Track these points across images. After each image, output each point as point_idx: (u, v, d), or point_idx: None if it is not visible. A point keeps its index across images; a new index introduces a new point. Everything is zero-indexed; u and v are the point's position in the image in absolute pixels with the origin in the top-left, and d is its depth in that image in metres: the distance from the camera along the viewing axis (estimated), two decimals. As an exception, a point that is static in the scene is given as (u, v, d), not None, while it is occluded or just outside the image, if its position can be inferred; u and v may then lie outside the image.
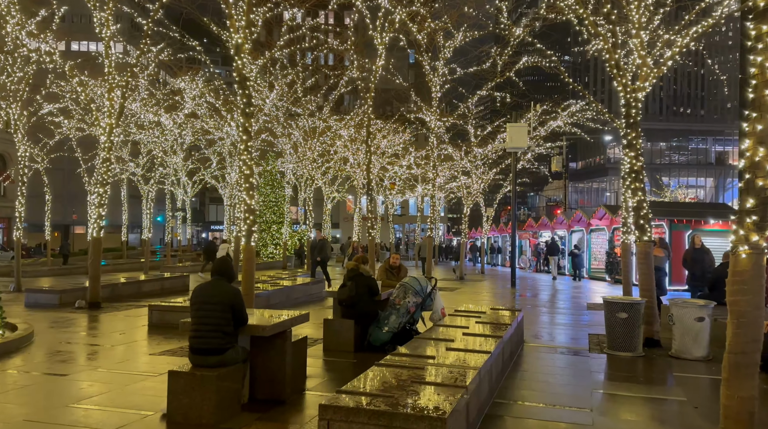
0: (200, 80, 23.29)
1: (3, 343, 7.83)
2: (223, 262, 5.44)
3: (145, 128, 28.73)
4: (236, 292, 5.28)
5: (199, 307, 5.19)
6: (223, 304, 5.14)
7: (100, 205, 12.92)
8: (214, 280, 5.33)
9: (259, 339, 5.60)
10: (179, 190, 38.98)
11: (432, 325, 8.16)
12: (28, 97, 21.11)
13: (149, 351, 8.15)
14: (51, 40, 15.28)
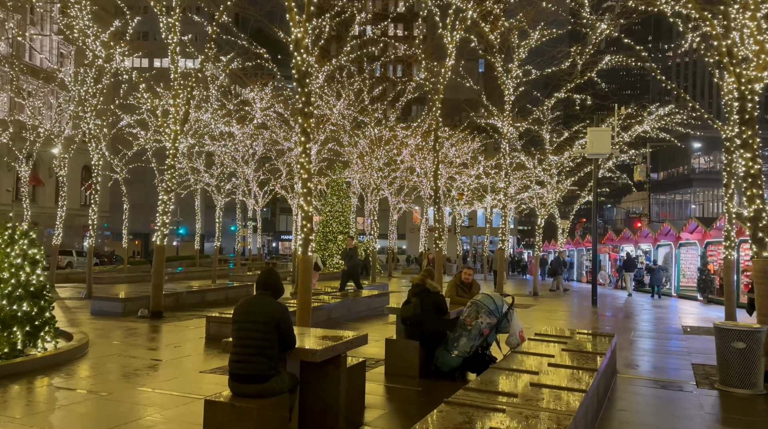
0: (269, 90, 23.28)
1: (54, 355, 7.53)
2: (269, 274, 4.73)
3: (218, 139, 29.22)
4: (282, 309, 4.55)
5: (240, 326, 4.50)
6: (267, 323, 4.42)
7: (164, 213, 12.77)
8: (258, 294, 4.63)
9: (309, 364, 4.85)
10: (250, 200, 39.62)
11: (509, 351, 7.16)
12: (106, 108, 21.84)
13: (200, 367, 7.61)
14: (125, 51, 15.51)
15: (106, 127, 24.89)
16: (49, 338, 7.84)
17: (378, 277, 26.65)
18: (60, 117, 25.15)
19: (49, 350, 7.65)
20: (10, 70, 23.92)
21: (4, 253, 7.63)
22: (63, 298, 16.97)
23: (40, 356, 7.33)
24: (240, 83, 25.27)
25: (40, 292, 7.76)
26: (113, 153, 31.47)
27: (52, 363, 7.37)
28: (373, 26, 18.22)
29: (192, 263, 39.72)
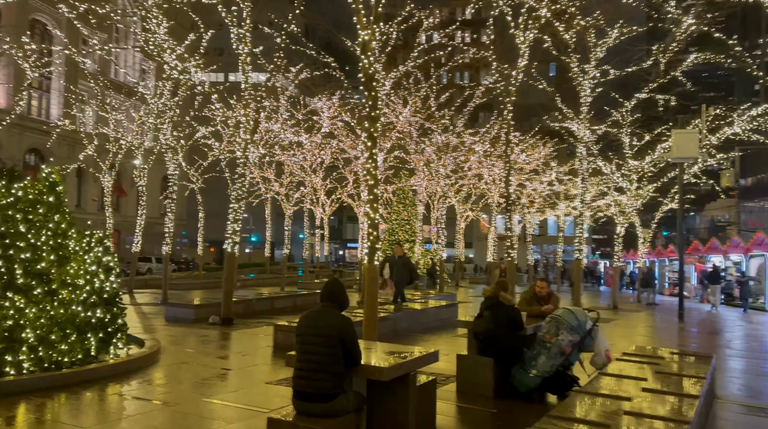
0: (336, 99, 23.39)
1: (125, 362, 7.61)
2: (334, 285, 4.45)
3: (287, 149, 29.76)
4: (347, 322, 4.25)
5: (303, 340, 4.24)
6: (331, 337, 4.14)
7: (235, 221, 12.91)
8: (323, 306, 4.36)
9: (376, 382, 4.52)
10: (318, 209, 40.12)
11: (593, 372, 6.56)
12: (183, 120, 22.66)
13: (267, 378, 7.46)
14: (200, 64, 15.95)
15: (183, 138, 25.88)
16: (121, 345, 7.95)
17: (446, 287, 26.10)
18: (140, 129, 26.42)
19: (121, 357, 7.75)
20: (95, 85, 25.30)
21: (81, 260, 7.82)
22: (140, 303, 17.59)
23: (112, 363, 7.42)
24: (308, 93, 25.57)
25: (113, 298, 7.89)
26: (189, 163, 32.72)
27: (123, 370, 7.44)
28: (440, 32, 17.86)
29: (263, 270, 40.62)
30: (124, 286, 22.84)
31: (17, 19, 34.28)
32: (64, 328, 7.13)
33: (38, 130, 36.02)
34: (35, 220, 7.35)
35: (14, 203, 7.05)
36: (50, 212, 7.89)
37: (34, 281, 6.90)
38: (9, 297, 6.63)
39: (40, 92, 39.02)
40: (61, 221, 7.93)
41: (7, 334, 6.48)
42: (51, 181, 8.06)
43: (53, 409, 5.87)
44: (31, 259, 6.96)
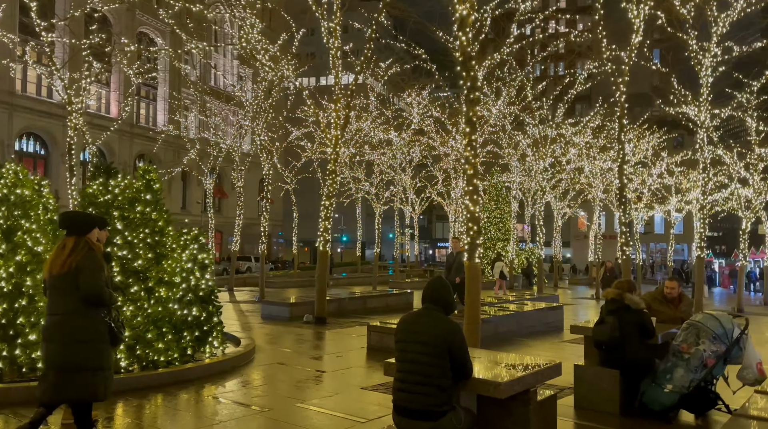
0: (426, 94, 22.86)
1: (220, 362, 7.46)
2: (438, 285, 3.85)
3: (377, 148, 29.64)
4: (455, 329, 3.65)
5: (404, 348, 3.69)
6: (437, 346, 3.55)
7: (326, 219, 12.69)
8: (425, 309, 3.77)
9: (488, 399, 3.88)
10: (407, 208, 39.78)
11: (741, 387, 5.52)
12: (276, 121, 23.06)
13: (362, 382, 7.02)
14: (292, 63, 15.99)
15: (277, 140, 26.45)
16: (216, 343, 7.83)
17: (544, 288, 24.69)
18: (238, 133, 27.30)
19: (216, 356, 7.62)
20: (196, 92, 26.44)
21: (178, 257, 7.77)
22: (239, 301, 17.98)
23: (207, 362, 7.29)
24: (398, 90, 25.19)
25: (209, 296, 7.78)
26: (284, 165, 33.52)
27: (218, 370, 7.28)
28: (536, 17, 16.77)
29: (354, 269, 40.90)
30: (224, 284, 23.81)
31: (125, 32, 36.78)
32: (160, 326, 7.08)
33: (146, 137, 38.45)
34: (132, 218, 7.36)
35: (111, 201, 7.08)
36: (148, 210, 7.93)
37: (131, 279, 6.88)
38: (108, 294, 6.63)
39: (147, 101, 41.66)
40: (158, 219, 7.94)
41: (106, 331, 6.48)
42: (148, 179, 8.10)
43: (150, 412, 5.74)
44: (128, 256, 6.95)
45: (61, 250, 4.26)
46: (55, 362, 4.15)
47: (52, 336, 4.19)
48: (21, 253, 6.52)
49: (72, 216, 4.62)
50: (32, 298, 6.48)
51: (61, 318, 4.18)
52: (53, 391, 4.14)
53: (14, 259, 6.42)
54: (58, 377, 4.12)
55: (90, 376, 4.15)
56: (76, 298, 4.14)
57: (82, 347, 4.13)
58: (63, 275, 4.17)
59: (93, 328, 4.19)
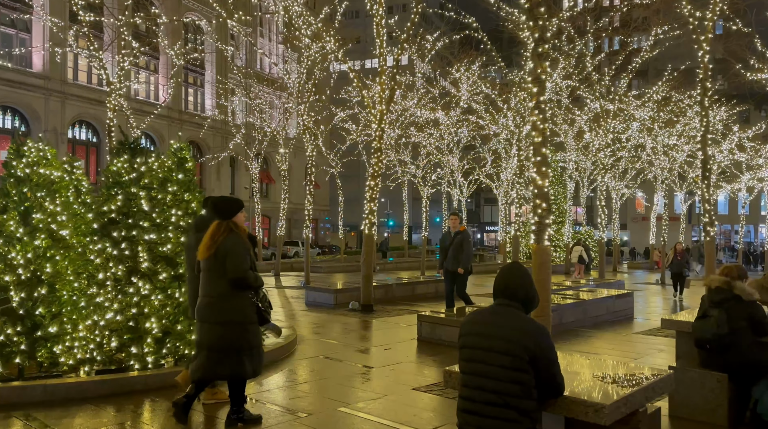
0: (476, 67, 21.61)
1: (257, 354, 6.79)
2: (515, 273, 2.95)
3: (423, 130, 28.65)
4: (541, 332, 2.77)
5: (471, 355, 2.83)
6: (516, 355, 2.69)
7: (371, 200, 11.90)
8: (498, 306, 2.89)
9: (584, 424, 2.98)
10: (455, 191, 38.64)
11: None
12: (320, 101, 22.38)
13: (413, 382, 6.22)
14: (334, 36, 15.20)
15: (321, 122, 25.84)
16: (254, 335, 7.19)
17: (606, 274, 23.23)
18: (283, 116, 26.86)
19: (253, 349, 6.97)
20: (242, 77, 26.05)
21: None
22: (284, 286, 17.53)
23: (243, 355, 6.64)
24: (446, 64, 24.01)
25: (245, 284, 7.13)
26: (329, 148, 32.98)
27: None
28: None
29: (401, 254, 40.19)
30: (271, 269, 23.51)
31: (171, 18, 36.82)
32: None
33: (194, 123, 38.61)
34: (162, 199, 6.76)
35: (137, 179, 6.48)
36: (180, 191, 7.32)
37: (159, 265, 6.27)
38: (133, 282, 6.05)
39: (195, 87, 41.83)
40: (191, 200, 7.33)
41: (132, 323, 5.90)
42: (180, 158, 7.49)
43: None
44: (157, 240, 6.34)
45: (209, 234, 4.44)
46: (207, 342, 4.35)
47: (204, 317, 4.40)
48: (40, 238, 6.00)
49: (216, 200, 4.69)
50: (52, 287, 5.97)
51: (212, 300, 4.38)
52: (204, 370, 4.37)
53: (32, 244, 5.90)
54: (209, 356, 4.33)
55: (239, 355, 4.33)
56: (224, 281, 4.32)
57: (231, 328, 4.31)
58: (210, 258, 4.37)
59: (241, 309, 4.36)
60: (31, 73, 30.79)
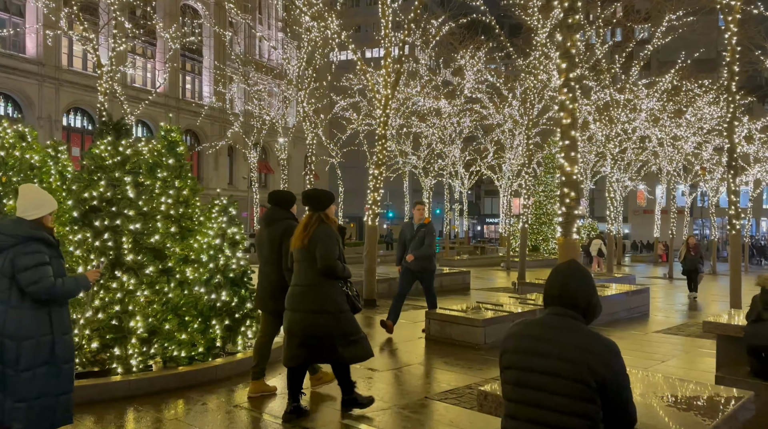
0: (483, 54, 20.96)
1: (246, 358, 6.24)
2: (571, 275, 2.38)
3: (426, 120, 28.03)
4: (610, 349, 2.20)
5: (519, 379, 2.25)
6: (581, 381, 2.12)
7: (375, 190, 11.33)
8: (553, 317, 2.32)
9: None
10: (456, 182, 38.08)
11: None
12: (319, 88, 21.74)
13: (425, 388, 5.67)
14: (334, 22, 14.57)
15: (321, 111, 25.21)
16: (250, 333, 6.64)
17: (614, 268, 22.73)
18: (282, 104, 26.25)
19: (248, 350, 6.41)
20: (238, 59, 25.38)
21: (204, 233, 6.58)
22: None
23: (240, 357, 6.10)
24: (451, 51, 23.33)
25: (241, 278, 6.57)
26: (329, 138, 32.36)
27: (250, 367, 6.07)
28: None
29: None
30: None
31: (169, 4, 36.03)
32: (182, 314, 5.92)
33: (192, 112, 37.90)
34: (150, 186, 6.18)
35: (122, 163, 5.89)
36: (170, 177, 6.75)
37: (145, 257, 5.70)
38: (117, 277, 5.49)
39: (192, 75, 41.05)
40: (182, 187, 6.75)
41: (115, 322, 5.34)
42: (171, 141, 6.91)
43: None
44: (143, 231, 5.77)
45: (302, 225, 4.58)
46: (299, 331, 4.44)
47: (296, 306, 4.48)
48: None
49: (310, 193, 4.74)
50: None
51: (304, 289, 4.48)
52: (297, 358, 4.49)
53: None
54: (302, 344, 4.43)
55: (332, 342, 4.40)
56: (317, 271, 4.43)
57: (323, 317, 4.39)
58: (302, 249, 4.49)
59: (333, 298, 4.45)
60: (24, 58, 30.04)
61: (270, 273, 5.01)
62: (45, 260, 3.23)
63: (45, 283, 3.18)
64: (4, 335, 3.12)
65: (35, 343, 3.17)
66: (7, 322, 3.13)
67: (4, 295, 3.18)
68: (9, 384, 3.12)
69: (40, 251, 3.22)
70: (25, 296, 3.17)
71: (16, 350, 3.11)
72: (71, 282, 3.39)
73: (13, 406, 3.11)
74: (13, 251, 3.14)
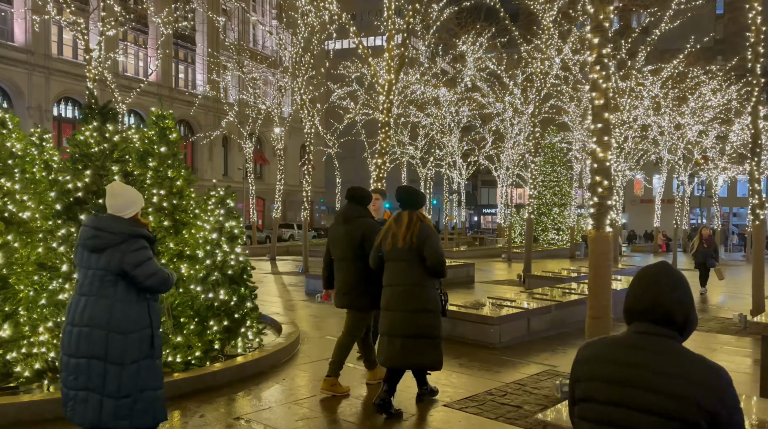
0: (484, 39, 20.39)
1: (256, 360, 5.78)
2: (669, 280, 1.87)
3: (424, 109, 27.51)
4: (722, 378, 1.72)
5: (604, 416, 1.78)
6: (684, 420, 1.66)
7: (379, 180, 10.84)
8: (644, 336, 1.83)
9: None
10: (454, 172, 37.63)
11: None
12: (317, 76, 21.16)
13: (442, 395, 5.21)
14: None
15: (318, 100, 24.61)
16: (251, 334, 6.18)
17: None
18: (278, 93, 25.62)
19: (249, 354, 5.95)
20: (232, 47, 24.72)
21: (201, 226, 6.10)
22: (281, 272, 16.52)
23: (240, 362, 5.62)
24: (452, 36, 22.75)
25: (240, 275, 6.09)
26: (326, 128, 31.80)
27: (254, 371, 5.62)
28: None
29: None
30: (266, 253, 22.47)
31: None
32: (177, 315, 5.45)
33: (185, 101, 37.19)
34: (140, 176, 5.68)
35: (110, 151, 5.39)
36: (162, 166, 6.25)
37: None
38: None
39: (186, 64, 40.30)
40: (175, 177, 6.26)
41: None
42: (163, 127, 6.41)
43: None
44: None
45: (398, 224, 4.50)
46: (400, 330, 4.40)
47: (396, 305, 4.44)
48: (-14, 221, 4.91)
49: (410, 191, 4.72)
50: (5, 281, 4.89)
51: (407, 288, 4.42)
52: (398, 357, 4.43)
53: (-24, 229, 4.83)
54: (404, 344, 4.39)
55: (431, 344, 4.43)
56: (419, 270, 4.40)
57: (424, 317, 4.38)
58: (404, 248, 4.43)
59: (434, 298, 4.46)
60: (12, 46, 29.27)
61: (345, 269, 4.95)
62: (152, 255, 3.32)
63: (162, 274, 3.29)
64: (111, 329, 3.15)
65: (139, 336, 3.22)
66: (115, 317, 3.17)
67: (109, 291, 3.21)
68: (111, 382, 3.12)
69: (146, 247, 3.30)
70: (131, 291, 3.23)
71: (122, 344, 3.15)
72: (173, 275, 3.49)
73: (118, 403, 3.13)
74: (119, 249, 3.20)
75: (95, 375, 3.11)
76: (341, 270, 4.99)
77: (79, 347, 3.14)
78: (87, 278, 3.23)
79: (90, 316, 3.15)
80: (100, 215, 3.42)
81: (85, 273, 3.25)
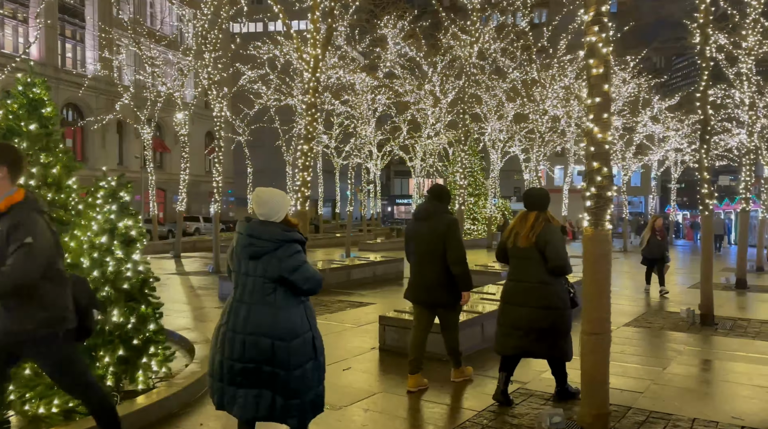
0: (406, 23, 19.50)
1: (163, 401, 4.44)
2: None
3: (339, 96, 26.35)
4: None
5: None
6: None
7: (305, 169, 9.62)
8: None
9: None
10: (371, 162, 36.81)
11: None
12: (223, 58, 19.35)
13: (407, 423, 4.18)
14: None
15: (225, 84, 22.68)
16: (155, 364, 4.82)
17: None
18: (180, 74, 23.38)
19: (154, 390, 4.61)
20: (131, 32, 22.18)
21: (86, 226, 4.67)
22: (189, 272, 14.75)
23: (141, 404, 4.28)
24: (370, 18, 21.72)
25: (140, 290, 4.72)
26: (234, 114, 29.69)
27: (162, 414, 4.31)
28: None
29: (330, 229, 37.99)
30: (169, 249, 20.36)
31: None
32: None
33: (74, 83, 33.40)
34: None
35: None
36: (33, 149, 4.76)
37: None
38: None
39: (74, 42, 36.30)
40: (51, 163, 4.78)
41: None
42: (33, 99, 4.91)
43: None
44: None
45: (523, 223, 4.74)
46: (526, 325, 4.61)
47: (523, 301, 4.64)
48: None
49: (536, 193, 4.87)
50: None
51: (532, 285, 4.62)
52: (520, 348, 4.67)
53: None
54: (528, 337, 4.61)
55: (556, 338, 4.61)
56: (542, 269, 4.58)
57: (553, 313, 4.58)
58: (529, 247, 4.63)
59: (561, 295, 4.63)
60: None
61: (426, 265, 4.98)
62: (305, 258, 3.34)
63: (317, 276, 3.32)
64: (275, 337, 3.21)
65: (302, 341, 3.27)
66: (277, 324, 3.22)
67: (269, 298, 3.26)
68: (280, 384, 3.21)
69: (299, 251, 3.32)
70: (289, 296, 3.28)
71: (287, 350, 3.21)
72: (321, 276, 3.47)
73: (286, 404, 3.23)
74: (275, 256, 3.24)
75: (265, 377, 3.20)
76: (425, 265, 5.00)
77: (244, 354, 3.20)
78: (247, 286, 3.28)
79: (255, 324, 3.21)
80: (252, 221, 3.36)
81: (244, 280, 3.29)
